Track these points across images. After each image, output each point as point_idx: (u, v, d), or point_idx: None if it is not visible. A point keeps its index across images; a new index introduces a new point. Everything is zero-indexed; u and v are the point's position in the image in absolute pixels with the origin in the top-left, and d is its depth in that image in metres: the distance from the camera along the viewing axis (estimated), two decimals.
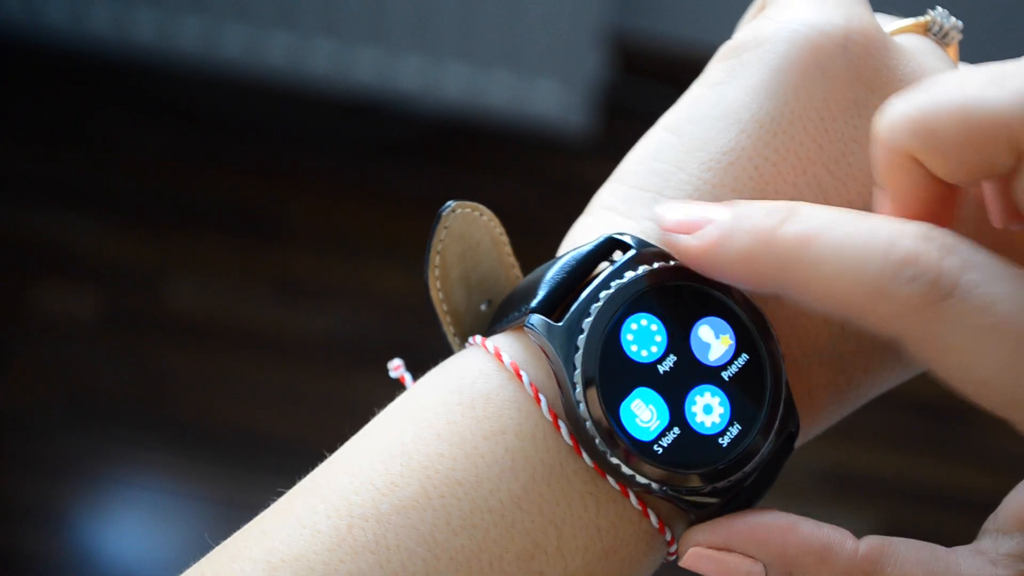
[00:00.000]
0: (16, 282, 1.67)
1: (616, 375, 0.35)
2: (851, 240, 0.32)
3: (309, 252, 1.71)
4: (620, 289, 0.36)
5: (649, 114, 0.41)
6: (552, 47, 1.61)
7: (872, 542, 0.35)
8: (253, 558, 0.35)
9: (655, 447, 0.35)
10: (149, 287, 1.68)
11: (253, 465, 1.55)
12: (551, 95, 1.66)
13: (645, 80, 1.75)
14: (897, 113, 0.33)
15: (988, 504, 0.37)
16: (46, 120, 1.78)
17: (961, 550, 0.36)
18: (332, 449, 0.38)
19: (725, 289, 0.37)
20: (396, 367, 0.41)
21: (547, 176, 1.73)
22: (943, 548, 0.36)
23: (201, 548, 0.37)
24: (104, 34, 1.69)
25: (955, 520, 1.54)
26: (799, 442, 0.39)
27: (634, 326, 0.36)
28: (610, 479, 0.36)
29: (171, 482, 1.56)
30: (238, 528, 0.37)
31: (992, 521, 0.37)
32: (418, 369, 0.40)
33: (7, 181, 1.74)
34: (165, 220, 1.72)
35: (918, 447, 1.62)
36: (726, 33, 0.42)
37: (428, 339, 0.41)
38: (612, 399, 0.35)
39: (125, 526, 1.55)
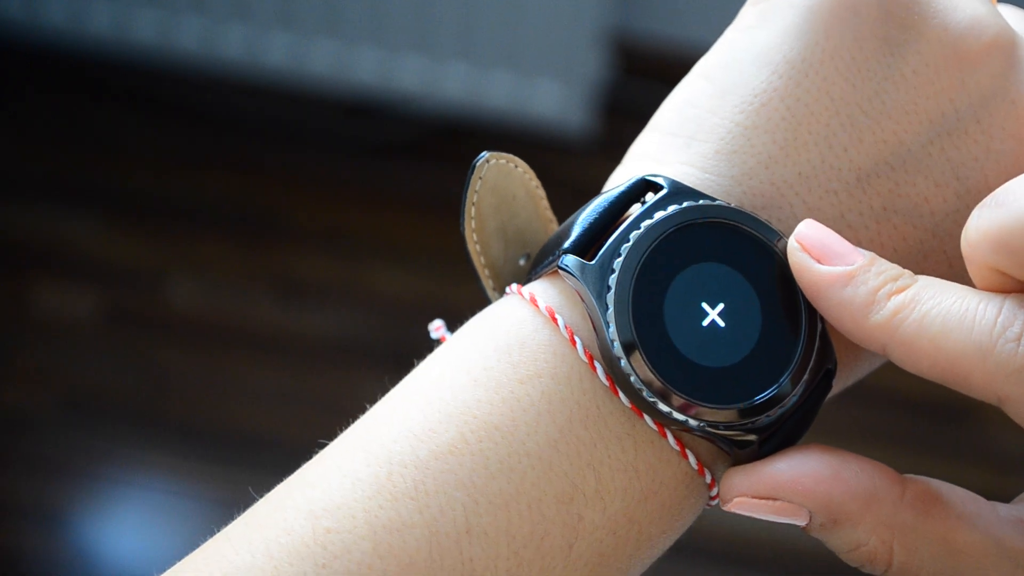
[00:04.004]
0: (16, 282, 1.67)
1: (649, 312, 0.36)
2: (958, 305, 0.34)
3: (309, 252, 1.71)
4: (651, 227, 0.36)
5: (649, 114, 0.41)
6: (552, 47, 1.62)
7: (919, 486, 0.36)
8: (296, 507, 0.35)
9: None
10: (149, 287, 1.68)
11: (253, 465, 1.55)
12: (551, 95, 1.66)
13: (645, 80, 1.75)
14: (976, 231, 0.34)
15: None
16: (46, 120, 1.78)
17: (1002, 509, 0.36)
18: None
19: (759, 227, 0.37)
20: (437, 327, 0.41)
21: (547, 176, 1.71)
22: (985, 501, 0.36)
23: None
24: (104, 34, 1.69)
25: None
26: (839, 389, 0.39)
27: (666, 264, 0.36)
28: (647, 419, 0.36)
29: (171, 482, 1.56)
30: None
31: None
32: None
33: (7, 181, 1.74)
34: (165, 220, 1.72)
35: (918, 447, 1.62)
36: None
37: (428, 339, 0.41)
38: (644, 333, 0.35)
39: (125, 526, 1.55)
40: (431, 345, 0.40)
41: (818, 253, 0.36)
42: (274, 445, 1.56)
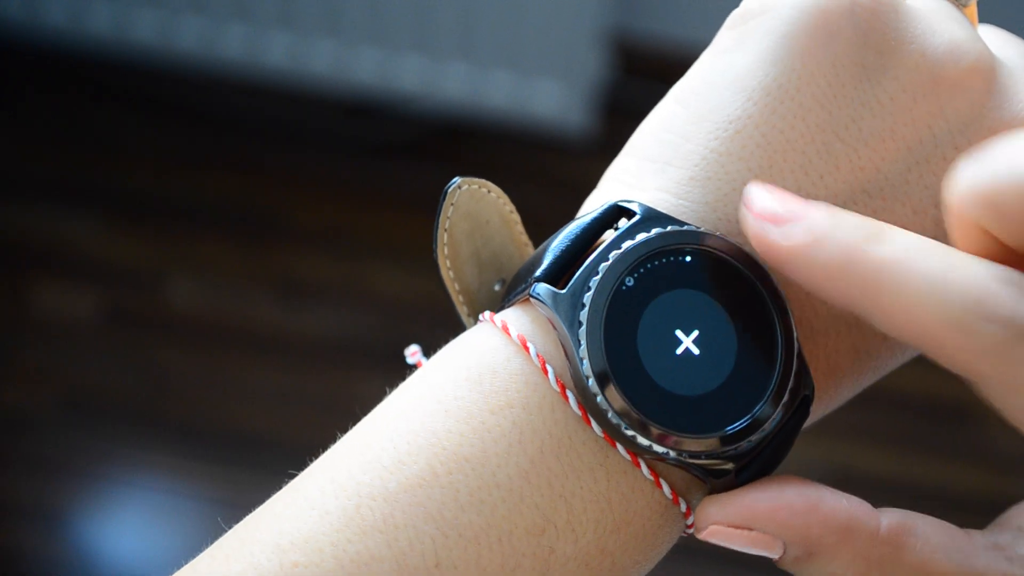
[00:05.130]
0: (16, 282, 1.67)
1: (622, 344, 0.35)
2: (939, 271, 0.32)
3: (309, 252, 1.71)
4: (619, 258, 0.36)
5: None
6: (552, 47, 1.61)
7: (894, 519, 0.35)
8: (262, 540, 0.35)
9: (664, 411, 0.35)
10: (149, 287, 1.68)
11: (253, 465, 1.55)
12: (551, 95, 1.66)
13: (645, 80, 1.74)
14: (963, 184, 0.32)
15: (986, 503, 0.36)
16: (46, 120, 1.78)
17: (977, 537, 0.36)
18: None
19: (732, 253, 0.36)
20: (413, 353, 0.40)
21: (547, 176, 1.73)
22: (959, 531, 0.36)
23: (200, 548, 0.37)
24: (104, 34, 1.69)
25: (953, 520, 1.54)
26: (822, 413, 0.39)
27: (637, 293, 0.36)
28: (620, 449, 0.35)
29: (171, 482, 1.56)
30: None
31: (1016, 515, 0.37)
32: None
33: (7, 181, 1.74)
34: (165, 220, 1.72)
35: (917, 447, 1.62)
36: None
37: (428, 339, 0.41)
38: (618, 365, 0.35)
39: (125, 526, 1.55)
40: (425, 352, 0.39)
41: (773, 219, 0.34)
42: (274, 445, 1.57)
